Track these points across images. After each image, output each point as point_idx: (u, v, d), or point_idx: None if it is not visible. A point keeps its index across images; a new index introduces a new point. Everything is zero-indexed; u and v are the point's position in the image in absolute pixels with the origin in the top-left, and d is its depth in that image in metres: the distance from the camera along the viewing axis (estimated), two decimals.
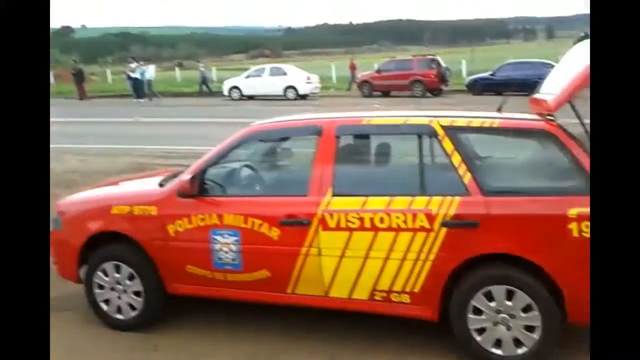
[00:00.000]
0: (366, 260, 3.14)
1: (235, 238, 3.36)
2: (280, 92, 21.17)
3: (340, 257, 3.18)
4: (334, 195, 3.20)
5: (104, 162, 10.31)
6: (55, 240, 3.95)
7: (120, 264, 3.64)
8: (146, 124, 15.46)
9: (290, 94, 21.14)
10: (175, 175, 3.91)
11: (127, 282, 3.65)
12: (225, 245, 3.38)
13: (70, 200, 4.08)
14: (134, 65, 22.53)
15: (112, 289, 3.70)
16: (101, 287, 3.72)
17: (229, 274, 3.42)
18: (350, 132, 3.45)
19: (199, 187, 3.44)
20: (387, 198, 3.10)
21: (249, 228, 3.32)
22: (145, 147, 11.72)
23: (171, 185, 3.63)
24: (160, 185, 3.78)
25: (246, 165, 3.85)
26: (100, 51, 56.76)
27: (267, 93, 21.45)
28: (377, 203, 3.11)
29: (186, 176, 3.45)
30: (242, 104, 20.74)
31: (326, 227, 3.17)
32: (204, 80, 24.68)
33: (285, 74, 21.74)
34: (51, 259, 4.07)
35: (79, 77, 22.46)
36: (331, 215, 3.16)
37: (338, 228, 3.15)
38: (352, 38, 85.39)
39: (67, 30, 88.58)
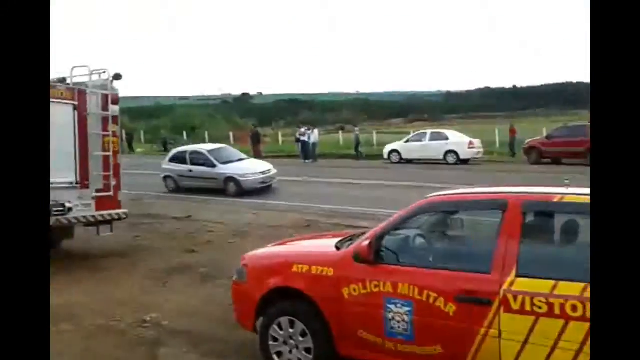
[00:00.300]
0: (554, 351, 2.86)
1: (408, 308, 3.33)
2: (441, 157, 20.97)
3: (524, 342, 2.94)
4: (519, 275, 3.01)
5: (274, 217, 11.16)
6: (238, 290, 4.34)
7: (294, 319, 3.82)
8: (312, 183, 16.45)
9: (451, 158, 20.81)
10: (350, 239, 4.06)
11: (300, 338, 3.80)
12: (398, 315, 3.36)
13: (254, 254, 4.46)
14: (303, 129, 24.48)
15: (285, 342, 3.88)
16: (275, 339, 3.93)
17: (400, 345, 3.38)
18: (539, 209, 3.26)
19: (375, 254, 3.51)
20: (581, 284, 2.82)
21: (423, 300, 3.27)
22: (310, 205, 12.43)
23: (348, 248, 3.77)
24: (337, 247, 3.95)
25: (420, 235, 3.85)
26: (273, 116, 62.87)
27: (427, 157, 21.41)
28: (569, 288, 2.85)
29: (364, 242, 3.55)
30: (402, 167, 20.96)
31: (508, 309, 2.98)
32: (358, 144, 25.71)
33: (446, 138, 21.55)
34: (233, 306, 4.47)
35: (255, 139, 24.96)
36: (515, 297, 2.97)
37: (522, 311, 2.94)
38: (517, 102, 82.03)
39: (245, 97, 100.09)
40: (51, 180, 7.43)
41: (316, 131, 25.32)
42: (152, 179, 16.81)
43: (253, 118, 47.26)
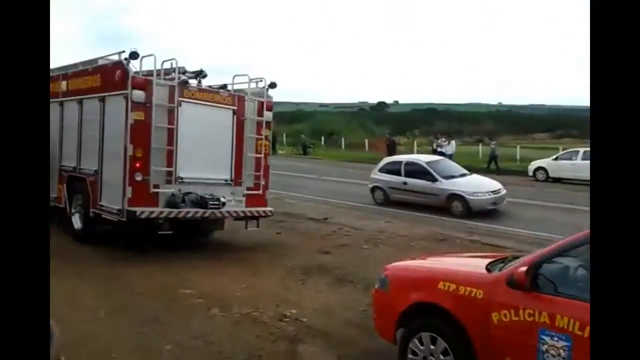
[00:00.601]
0: None
1: (566, 343, 3.08)
2: None
3: None
4: None
5: (406, 227, 11.05)
6: (379, 299, 4.38)
7: (437, 336, 3.75)
8: None
9: None
10: (502, 260, 3.88)
11: (441, 356, 3.72)
12: (554, 349, 3.13)
13: (398, 265, 4.47)
14: (442, 140, 23.96)
15: (425, 358, 3.83)
16: (415, 353, 3.89)
17: None
18: None
19: (531, 281, 3.32)
20: None
21: (584, 337, 3.00)
22: (446, 219, 12.10)
23: (500, 271, 3.61)
24: (488, 269, 3.80)
25: (582, 265, 3.53)
26: (408, 124, 62.22)
27: (578, 177, 19.57)
28: None
29: (520, 267, 3.37)
30: (547, 186, 19.47)
31: None
32: (493, 158, 24.39)
33: None
34: (373, 314, 4.52)
35: (391, 147, 25.09)
36: None
37: None
38: None
39: (382, 105, 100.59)
40: (210, 176, 8.29)
41: (453, 142, 24.63)
42: (296, 180, 17.68)
43: (388, 126, 47.34)
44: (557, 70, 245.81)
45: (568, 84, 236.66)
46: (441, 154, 23.43)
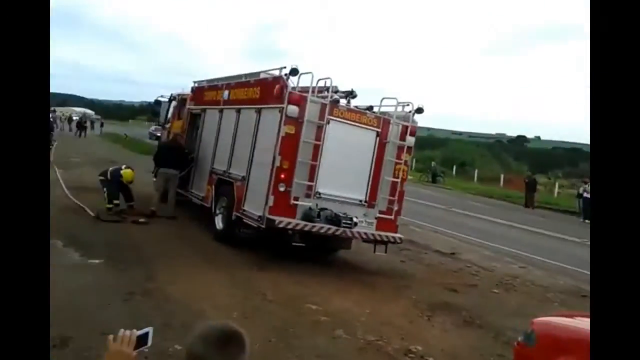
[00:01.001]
0: None
1: None
2: None
3: None
4: None
5: (543, 276, 10.18)
6: (522, 353, 4.03)
7: None
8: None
9: None
10: None
11: None
12: None
13: (549, 320, 4.10)
14: (588, 185, 21.90)
15: None
16: None
17: None
18: None
19: None
20: None
21: None
22: (587, 273, 10.92)
23: None
24: None
25: None
26: (549, 163, 57.82)
27: None
28: None
29: None
30: None
31: None
32: None
33: None
34: None
35: (531, 187, 23.46)
36: None
37: None
38: None
39: (521, 139, 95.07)
40: (346, 195, 8.37)
41: None
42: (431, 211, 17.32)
43: (527, 162, 44.50)
44: None
45: None
46: (587, 200, 21.44)
